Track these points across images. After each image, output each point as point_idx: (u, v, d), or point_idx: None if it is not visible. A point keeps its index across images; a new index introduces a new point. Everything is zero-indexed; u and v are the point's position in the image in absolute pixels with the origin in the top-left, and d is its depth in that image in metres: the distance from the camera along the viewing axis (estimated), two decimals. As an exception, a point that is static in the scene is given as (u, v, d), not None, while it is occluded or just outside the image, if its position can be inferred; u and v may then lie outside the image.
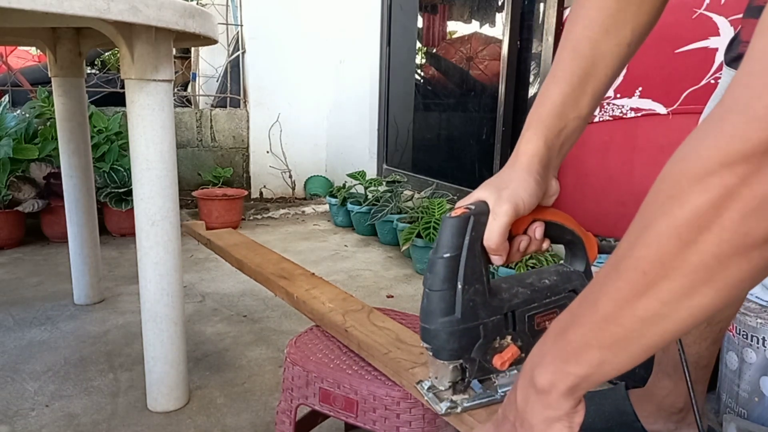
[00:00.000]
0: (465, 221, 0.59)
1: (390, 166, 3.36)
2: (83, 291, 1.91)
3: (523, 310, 0.64)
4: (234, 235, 1.45)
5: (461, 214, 0.59)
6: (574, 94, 0.63)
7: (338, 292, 1.09)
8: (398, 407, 0.82)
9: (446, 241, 0.59)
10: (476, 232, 0.59)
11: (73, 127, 1.79)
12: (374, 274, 2.32)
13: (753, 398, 1.15)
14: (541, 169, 0.63)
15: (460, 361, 0.62)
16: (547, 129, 0.63)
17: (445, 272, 0.59)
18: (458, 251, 0.58)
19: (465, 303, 0.59)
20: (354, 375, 0.86)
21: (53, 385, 1.40)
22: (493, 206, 0.59)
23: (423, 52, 3.15)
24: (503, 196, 0.59)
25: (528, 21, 2.30)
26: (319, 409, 0.89)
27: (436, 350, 0.61)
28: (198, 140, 3.47)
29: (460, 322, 0.59)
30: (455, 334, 0.60)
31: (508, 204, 0.59)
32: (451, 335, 0.60)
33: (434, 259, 0.59)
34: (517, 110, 2.36)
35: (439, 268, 0.59)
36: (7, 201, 2.52)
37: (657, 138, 1.76)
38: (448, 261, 0.58)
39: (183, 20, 1.10)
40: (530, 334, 0.65)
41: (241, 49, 3.65)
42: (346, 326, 0.93)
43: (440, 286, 0.59)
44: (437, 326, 0.60)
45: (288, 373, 0.93)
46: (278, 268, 1.22)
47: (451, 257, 0.58)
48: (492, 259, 0.60)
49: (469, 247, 0.58)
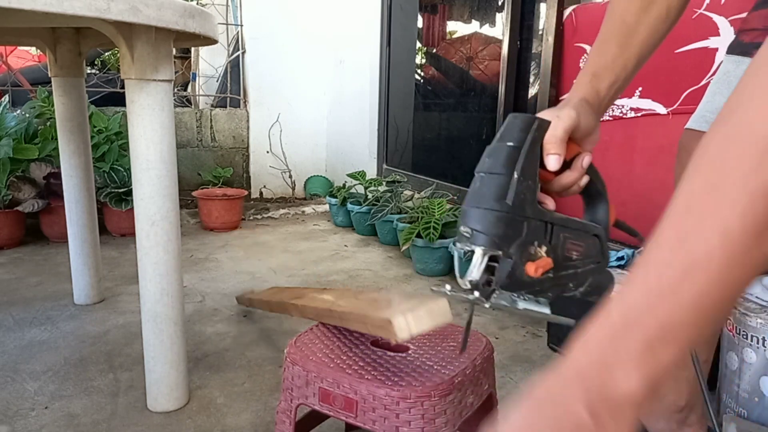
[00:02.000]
0: (531, 120, 0.60)
1: (390, 166, 3.36)
2: (83, 291, 1.91)
3: (560, 227, 0.64)
4: (278, 293, 1.54)
5: (528, 115, 0.61)
6: (623, 55, 0.70)
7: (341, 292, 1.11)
8: (398, 407, 0.81)
9: (510, 132, 0.60)
10: (538, 133, 0.60)
11: (73, 127, 1.79)
12: (374, 274, 2.32)
13: (753, 398, 1.15)
14: (594, 109, 0.68)
15: (498, 251, 0.59)
16: (598, 79, 0.69)
17: (505, 159, 0.59)
18: (520, 144, 0.59)
19: (517, 193, 0.58)
20: (354, 375, 0.86)
21: (53, 385, 1.40)
22: (557, 113, 0.63)
23: (423, 52, 3.15)
24: (563, 107, 0.64)
25: (528, 21, 2.30)
26: (318, 409, 0.89)
27: (475, 234, 0.59)
28: (198, 140, 3.47)
29: (509, 209, 0.58)
30: (501, 219, 0.58)
31: (571, 110, 0.63)
32: (498, 219, 0.58)
33: (496, 145, 0.60)
34: (517, 110, 2.36)
35: (501, 154, 0.59)
36: (7, 201, 2.52)
37: (657, 138, 1.76)
38: (510, 149, 0.59)
39: (183, 20, 1.11)
40: (561, 254, 0.64)
41: (241, 49, 3.65)
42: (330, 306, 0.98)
43: (498, 170, 0.59)
44: (487, 206, 0.58)
45: (288, 373, 0.93)
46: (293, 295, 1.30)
47: (514, 147, 0.59)
48: (548, 161, 0.61)
49: (531, 144, 0.59)
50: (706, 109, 0.99)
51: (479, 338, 1.01)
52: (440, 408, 0.82)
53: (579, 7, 2.01)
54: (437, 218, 2.28)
